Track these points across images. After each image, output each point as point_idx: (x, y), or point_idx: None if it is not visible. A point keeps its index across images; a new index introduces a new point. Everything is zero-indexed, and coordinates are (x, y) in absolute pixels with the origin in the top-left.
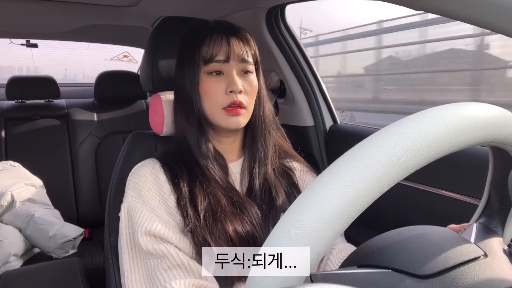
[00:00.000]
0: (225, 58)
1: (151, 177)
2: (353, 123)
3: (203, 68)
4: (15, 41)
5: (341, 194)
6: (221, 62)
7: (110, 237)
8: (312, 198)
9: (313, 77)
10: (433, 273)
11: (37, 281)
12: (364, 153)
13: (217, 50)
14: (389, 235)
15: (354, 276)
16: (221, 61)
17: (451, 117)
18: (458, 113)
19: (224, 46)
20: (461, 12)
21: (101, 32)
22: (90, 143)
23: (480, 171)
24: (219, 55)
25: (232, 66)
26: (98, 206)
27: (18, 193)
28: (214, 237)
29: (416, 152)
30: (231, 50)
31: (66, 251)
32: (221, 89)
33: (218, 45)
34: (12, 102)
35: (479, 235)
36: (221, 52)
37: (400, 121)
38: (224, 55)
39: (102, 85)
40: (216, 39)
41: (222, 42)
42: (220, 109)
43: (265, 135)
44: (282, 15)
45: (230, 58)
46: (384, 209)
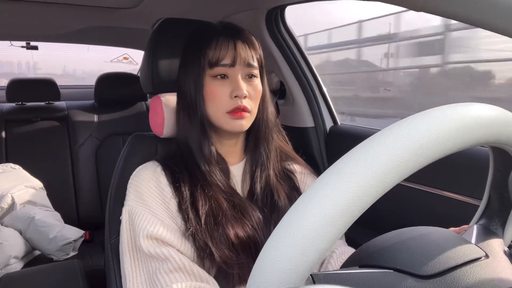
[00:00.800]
0: (231, 63)
1: (152, 180)
2: (353, 124)
3: (208, 71)
4: (16, 44)
5: (343, 193)
6: (227, 66)
7: (111, 239)
8: (315, 197)
9: (313, 78)
10: (434, 273)
11: (37, 283)
12: (367, 152)
13: (224, 54)
14: (390, 236)
15: (355, 276)
16: (227, 65)
17: (454, 117)
18: (461, 113)
19: (231, 50)
20: (461, 12)
21: (101, 34)
22: (90, 145)
23: (481, 171)
24: (225, 59)
25: (237, 71)
26: (98, 208)
27: (19, 195)
28: (215, 241)
29: (418, 151)
30: (237, 54)
31: (67, 253)
32: (226, 93)
33: (224, 49)
34: (13, 104)
35: (480, 237)
36: (227, 56)
37: (403, 120)
38: (230, 59)
39: (102, 87)
40: (222, 43)
41: (228, 46)
42: (224, 112)
43: (268, 139)
44: (282, 16)
45: (236, 62)
46: (384, 210)
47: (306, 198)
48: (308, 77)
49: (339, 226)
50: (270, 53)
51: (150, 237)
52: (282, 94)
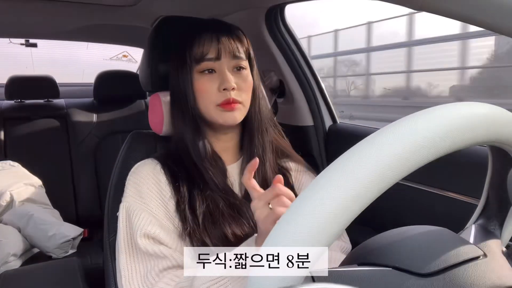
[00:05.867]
0: (216, 56)
1: (152, 178)
2: (352, 123)
3: (195, 67)
4: (14, 41)
5: (344, 191)
6: (212, 60)
7: (109, 237)
8: (315, 195)
9: (312, 76)
10: (433, 272)
11: (36, 281)
12: (368, 150)
13: (207, 49)
14: (389, 234)
15: (354, 274)
16: (212, 59)
17: (455, 116)
18: (462, 112)
19: (214, 44)
20: (460, 12)
21: (100, 31)
22: (90, 143)
23: (480, 171)
24: (209, 53)
25: (223, 64)
26: (97, 206)
27: (18, 193)
28: (213, 240)
29: (419, 149)
30: (221, 48)
31: (66, 251)
32: (214, 87)
33: (208, 43)
34: (11, 101)
35: (478, 237)
36: (211, 50)
37: (404, 118)
38: (214, 53)
39: (101, 85)
40: (205, 38)
41: (212, 40)
42: (215, 106)
43: (262, 131)
44: (281, 14)
45: (221, 55)
46: (383, 209)
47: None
48: (308, 75)
49: (338, 224)
50: (270, 51)
51: (147, 236)
52: (281, 93)
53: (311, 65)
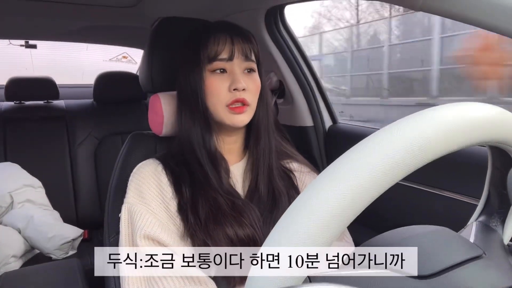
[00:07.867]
0: (229, 56)
1: (153, 178)
2: (352, 124)
3: (207, 66)
4: (14, 42)
5: (343, 191)
6: (224, 60)
7: (110, 238)
8: (315, 195)
9: (312, 77)
10: (432, 273)
11: (36, 282)
12: (362, 155)
13: (221, 49)
14: (388, 235)
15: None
16: (225, 59)
17: (450, 117)
18: (457, 113)
19: (228, 45)
20: (460, 12)
21: (100, 33)
22: (89, 144)
23: (480, 171)
24: (223, 53)
25: (235, 64)
26: (97, 207)
27: (17, 194)
28: (215, 241)
29: (414, 152)
30: (234, 49)
31: (66, 252)
32: (225, 87)
33: (222, 43)
34: (11, 103)
35: (479, 234)
36: (225, 51)
37: (399, 121)
38: (228, 53)
39: (101, 86)
40: (220, 38)
41: (226, 40)
42: (224, 106)
43: (268, 133)
44: (281, 15)
45: (234, 56)
46: (383, 209)
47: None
48: (307, 76)
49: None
50: (269, 52)
51: (147, 238)
52: (281, 93)
53: (310, 66)
